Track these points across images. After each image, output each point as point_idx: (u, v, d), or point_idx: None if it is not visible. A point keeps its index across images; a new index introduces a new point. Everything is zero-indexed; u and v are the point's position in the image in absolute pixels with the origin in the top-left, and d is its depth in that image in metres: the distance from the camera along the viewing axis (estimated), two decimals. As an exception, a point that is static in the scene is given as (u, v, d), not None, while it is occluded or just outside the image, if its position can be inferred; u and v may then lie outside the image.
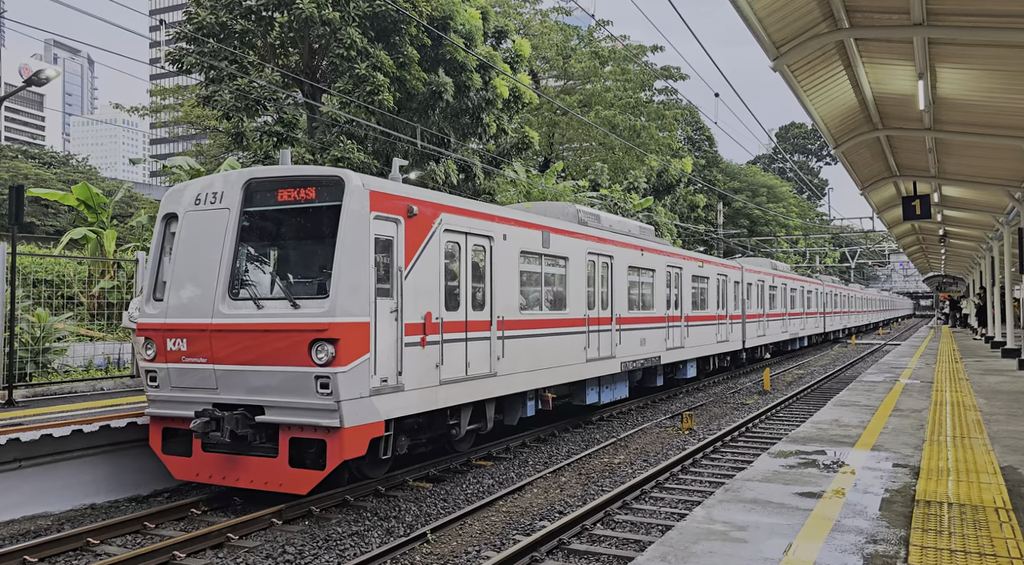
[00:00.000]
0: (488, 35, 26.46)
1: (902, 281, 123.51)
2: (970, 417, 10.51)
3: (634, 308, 16.54)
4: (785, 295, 31.64)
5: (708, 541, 5.09)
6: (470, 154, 26.67)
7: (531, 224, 12.64)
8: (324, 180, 8.96)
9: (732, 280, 24.39)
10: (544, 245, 12.86)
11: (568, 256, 13.64)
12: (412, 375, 9.44)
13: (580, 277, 14.14)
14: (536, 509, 9.36)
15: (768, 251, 64.71)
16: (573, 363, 13.70)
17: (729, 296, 23.87)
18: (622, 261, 15.93)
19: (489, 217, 11.48)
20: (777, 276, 30.60)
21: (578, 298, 14.00)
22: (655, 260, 17.87)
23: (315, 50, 23.02)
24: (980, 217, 23.20)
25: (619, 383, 16.22)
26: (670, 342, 18.53)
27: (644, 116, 41.29)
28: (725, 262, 24.81)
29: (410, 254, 9.58)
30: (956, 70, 11.14)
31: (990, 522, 5.56)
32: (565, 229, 13.76)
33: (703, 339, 21.23)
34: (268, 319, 8.70)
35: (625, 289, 16.01)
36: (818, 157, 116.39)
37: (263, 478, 8.75)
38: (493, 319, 11.29)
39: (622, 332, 15.72)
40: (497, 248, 11.52)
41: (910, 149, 16.29)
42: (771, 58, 10.38)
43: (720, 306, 23.04)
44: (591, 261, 14.65)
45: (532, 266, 12.78)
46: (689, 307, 20.06)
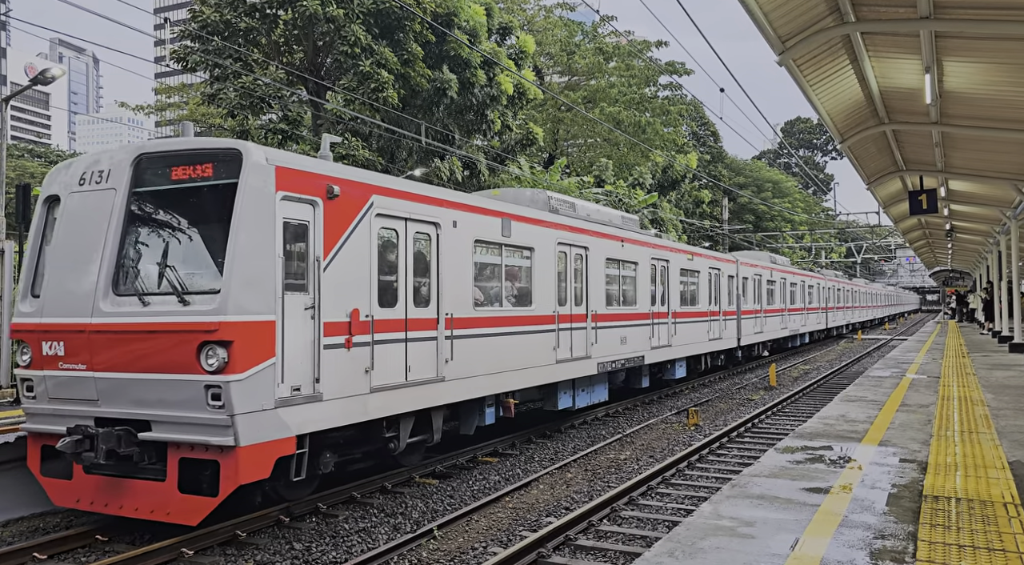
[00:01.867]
0: (492, 31, 26.44)
1: (908, 276, 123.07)
2: (978, 412, 10.47)
3: (614, 304, 15.34)
4: (784, 290, 30.49)
5: (715, 537, 5.09)
6: (475, 151, 26.66)
7: (488, 210, 11.31)
8: (220, 154, 7.77)
9: (726, 274, 23.17)
10: (504, 234, 11.57)
11: (534, 246, 12.36)
12: (333, 382, 8.26)
13: (548, 270, 12.82)
14: (542, 505, 9.37)
15: (773, 247, 64.57)
16: (541, 365, 12.45)
17: (723, 291, 22.62)
18: (599, 253, 14.63)
19: (435, 201, 10.19)
20: (776, 270, 29.39)
21: (546, 293, 12.72)
22: (637, 252, 16.55)
23: (319, 47, 23.03)
24: (987, 211, 23.08)
25: (597, 385, 15.02)
26: (655, 340, 17.29)
27: (649, 112, 41.19)
28: (718, 255, 23.49)
29: (331, 242, 8.39)
30: (963, 64, 11.08)
31: (999, 517, 5.54)
32: (530, 216, 12.45)
33: (693, 337, 20.00)
34: (154, 318, 7.52)
35: (602, 283, 14.77)
36: (824, 152, 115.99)
37: (150, 505, 7.49)
38: (441, 317, 10.07)
39: (599, 330, 14.44)
40: (446, 236, 10.24)
41: (916, 143, 16.22)
42: (777, 53, 10.33)
43: (712, 302, 21.79)
44: (562, 252, 13.35)
45: (490, 257, 11.54)
46: (677, 303, 18.79)
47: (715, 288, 22.05)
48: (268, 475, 7.59)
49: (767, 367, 25.88)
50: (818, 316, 37.57)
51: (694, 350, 20.10)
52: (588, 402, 14.63)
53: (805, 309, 34.37)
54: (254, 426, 7.35)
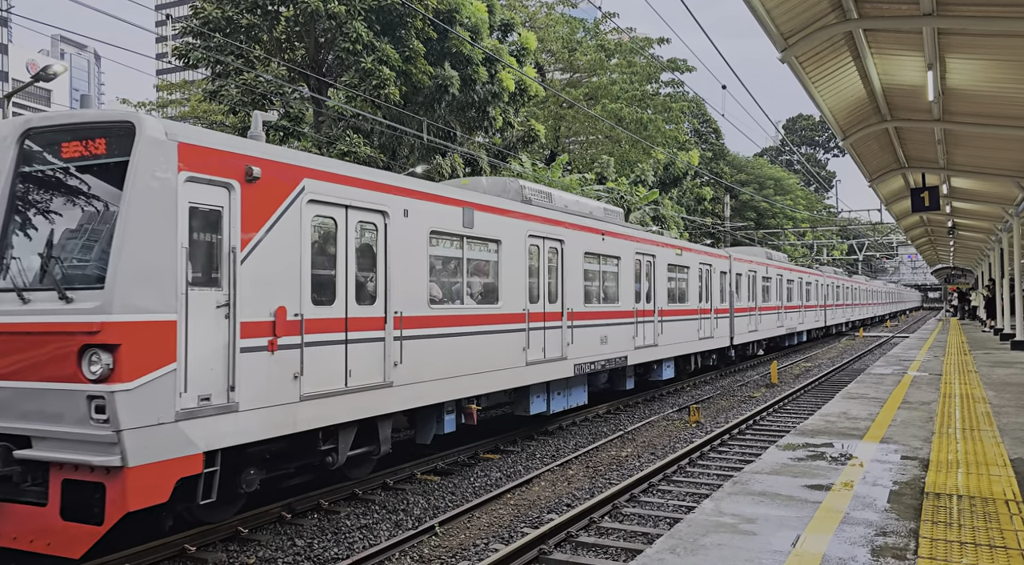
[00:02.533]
0: (494, 28, 26.42)
1: (910, 273, 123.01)
2: (979, 409, 10.47)
3: (593, 301, 14.35)
4: (781, 287, 29.51)
5: (717, 533, 5.10)
6: (476, 148, 26.64)
7: (446, 198, 10.26)
8: (113, 127, 6.82)
9: (718, 270, 22.15)
10: (466, 224, 10.58)
11: (500, 239, 11.36)
12: (253, 390, 7.26)
13: (518, 264, 11.82)
14: (544, 502, 9.38)
15: (775, 244, 64.52)
16: (509, 367, 11.46)
17: (714, 288, 21.68)
18: (576, 246, 13.63)
19: (382, 187, 9.14)
20: (772, 266, 28.45)
21: (515, 290, 11.70)
22: (620, 246, 15.48)
23: (321, 44, 23.02)
24: (989, 208, 23.06)
25: (575, 388, 14.06)
26: (640, 340, 16.23)
27: (650, 109, 41.15)
28: (710, 250, 22.43)
29: (251, 231, 7.39)
30: (965, 60, 11.06)
31: (1000, 514, 5.54)
32: (496, 206, 11.41)
33: (682, 336, 18.96)
34: (32, 318, 6.57)
35: (580, 279, 13.76)
36: (826, 149, 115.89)
37: (30, 533, 6.47)
38: (389, 316, 9.07)
39: (575, 329, 13.41)
40: (395, 227, 9.26)
41: (919, 140, 16.20)
42: (779, 49, 10.32)
43: (703, 299, 20.76)
44: (534, 246, 12.37)
45: (449, 250, 10.57)
46: (664, 300, 17.79)
47: (706, 285, 21.14)
48: (166, 499, 6.60)
49: (768, 364, 25.89)
50: (816, 314, 36.74)
51: (683, 350, 19.15)
52: (565, 406, 13.74)
53: (802, 307, 33.54)
54: (147, 443, 6.35)
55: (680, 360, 19.53)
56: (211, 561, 7.33)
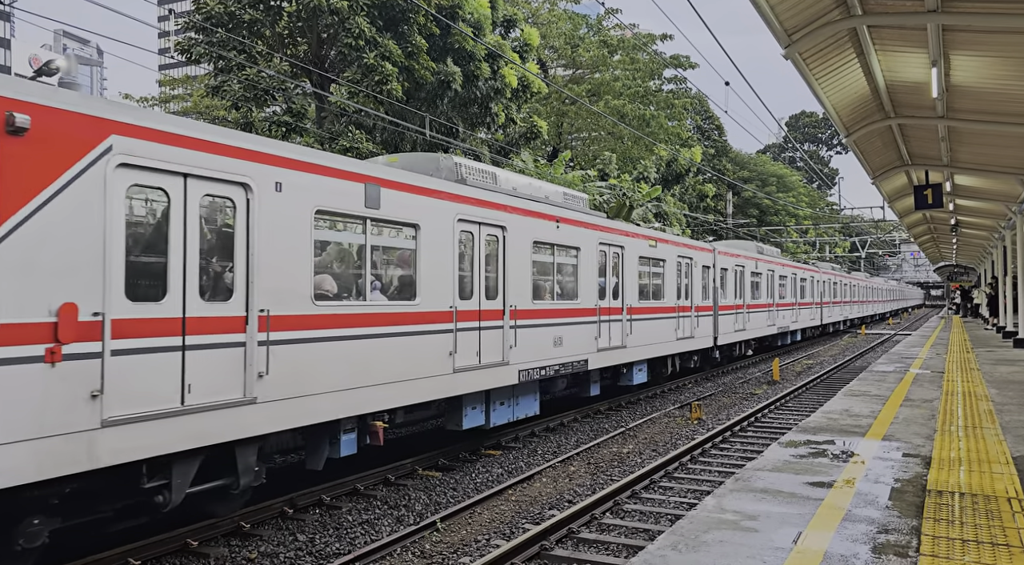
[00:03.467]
0: (496, 24, 26.36)
1: (912, 271, 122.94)
2: (982, 407, 10.46)
3: (545, 297, 12.74)
4: (772, 283, 27.79)
5: (719, 530, 5.10)
6: (479, 144, 26.62)
7: (339, 171, 8.50)
8: None
9: (700, 264, 20.36)
10: (370, 204, 8.82)
11: (418, 223, 9.62)
12: (16, 414, 5.54)
13: (443, 254, 10.13)
14: (545, 498, 9.39)
15: (778, 241, 64.46)
16: (431, 375, 9.73)
17: (695, 283, 19.90)
18: (523, 234, 11.94)
19: (241, 153, 7.35)
20: (762, 261, 26.64)
21: (439, 284, 10.01)
22: (580, 235, 13.74)
23: (323, 40, 23.00)
24: (992, 206, 23.03)
25: (523, 397, 12.34)
26: (603, 341, 14.49)
27: (653, 105, 41.06)
28: (691, 242, 20.58)
29: (13, 202, 5.63)
30: (970, 57, 11.02)
31: (1002, 512, 5.54)
32: (412, 184, 9.61)
33: (656, 336, 17.20)
34: None
35: (527, 272, 12.04)
36: (828, 146, 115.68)
37: None
38: (251, 315, 7.29)
39: (521, 330, 11.69)
40: (264, 203, 7.52)
41: (922, 137, 16.16)
42: (782, 46, 10.29)
43: (683, 295, 19.03)
44: (466, 232, 10.69)
45: (346, 235, 9.07)
46: (635, 296, 16.04)
47: (686, 280, 19.43)
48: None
49: (770, 362, 25.88)
50: (811, 312, 35.11)
51: (657, 351, 17.30)
52: (510, 418, 11.98)
53: (796, 304, 31.81)
54: None
55: (655, 362, 17.87)
56: (213, 556, 7.35)
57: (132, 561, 6.95)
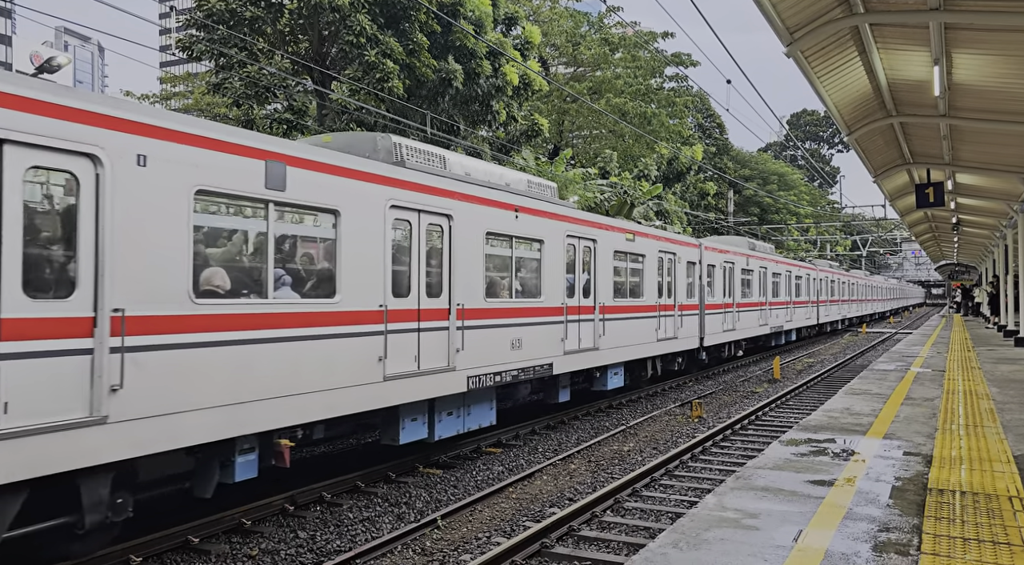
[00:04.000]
0: (498, 22, 26.33)
1: (914, 269, 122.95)
2: (983, 406, 10.46)
3: (501, 295, 11.61)
4: (765, 281, 26.59)
5: (720, 528, 5.10)
6: (480, 141, 26.61)
7: (229, 144, 7.25)
8: None
9: (685, 260, 19.17)
10: (273, 185, 7.64)
11: (338, 209, 8.43)
12: None
13: (371, 246, 8.92)
14: (546, 496, 9.40)
15: (778, 239, 64.43)
16: (355, 384, 8.56)
17: (679, 280, 18.68)
18: (474, 224, 10.75)
19: (88, 118, 6.09)
20: (754, 257, 25.38)
21: (365, 280, 8.79)
22: (544, 226, 12.53)
23: (325, 37, 22.99)
24: (994, 205, 23.02)
25: (476, 406, 11.22)
26: (571, 343, 13.31)
27: (654, 103, 41.04)
28: (675, 236, 19.40)
29: None
30: (972, 56, 11.01)
31: (1003, 510, 5.54)
32: (331, 163, 8.38)
33: (633, 337, 15.92)
34: None
35: (480, 267, 10.84)
36: (830, 145, 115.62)
37: None
38: (102, 316, 6.06)
39: (470, 331, 10.49)
40: (121, 182, 6.27)
41: (924, 136, 16.15)
42: (784, 44, 10.29)
43: (665, 293, 17.79)
44: (402, 221, 9.44)
45: (240, 222, 7.87)
46: (609, 294, 14.79)
47: (669, 277, 18.17)
48: None
49: (771, 361, 25.88)
50: (807, 310, 33.95)
51: (635, 353, 16.02)
52: (460, 429, 10.84)
53: (791, 303, 30.57)
54: None
55: (634, 365, 16.69)
56: (214, 552, 7.36)
57: (133, 558, 6.96)
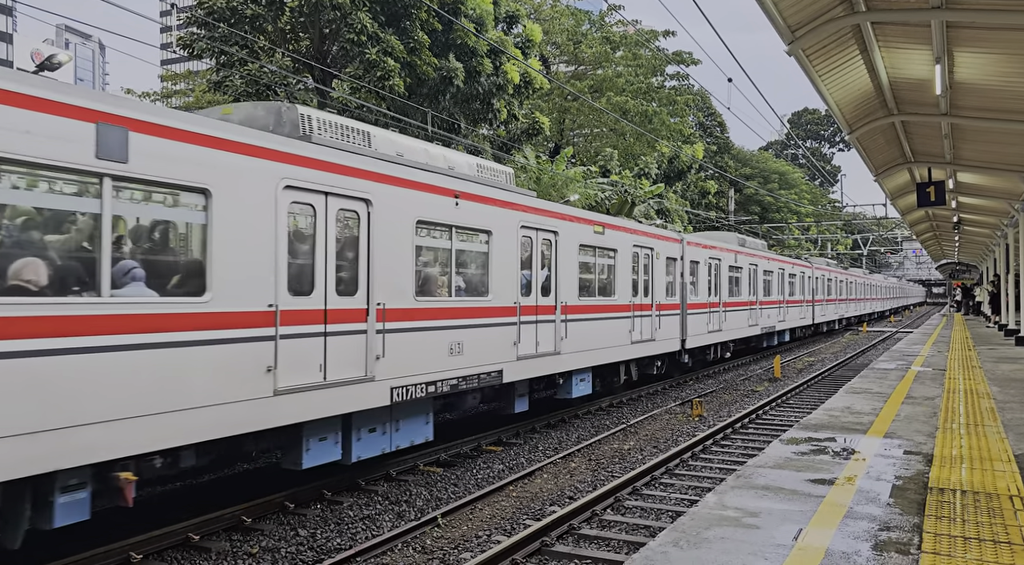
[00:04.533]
0: (499, 20, 26.31)
1: (915, 268, 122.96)
2: (984, 405, 10.45)
3: (436, 293, 10.19)
4: (755, 279, 25.36)
5: (720, 527, 5.10)
6: (480, 140, 26.61)
7: (40, 101, 5.82)
8: None
9: (664, 256, 17.78)
10: (108, 156, 6.24)
11: (208, 188, 6.96)
12: None
13: (257, 234, 7.47)
14: (546, 494, 9.40)
15: (779, 238, 64.40)
16: (233, 400, 7.10)
17: (657, 278, 17.29)
18: (400, 211, 9.29)
19: None
20: (743, 254, 24.02)
21: (245, 274, 7.33)
22: (490, 215, 11.06)
23: (325, 35, 22.98)
24: (995, 204, 23.00)
25: (406, 421, 9.76)
26: (525, 347, 11.88)
27: (655, 102, 41.02)
28: (651, 230, 17.92)
29: None
30: (974, 54, 11.00)
31: (1004, 510, 5.53)
32: (193, 131, 6.90)
33: (603, 339, 14.53)
34: None
35: (408, 261, 9.41)
36: (831, 143, 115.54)
37: None
38: None
39: (393, 335, 9.04)
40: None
41: (925, 135, 16.14)
42: (786, 42, 10.28)
43: (641, 292, 16.44)
44: (300, 205, 7.99)
45: (61, 201, 6.27)
46: (573, 292, 13.43)
47: (645, 274, 16.77)
48: None
49: (771, 359, 25.87)
50: (801, 310, 32.58)
51: (606, 357, 14.60)
52: (386, 447, 9.43)
53: (784, 302, 29.31)
54: None
55: (605, 370, 15.40)
56: (215, 550, 7.36)
57: (134, 555, 6.96)
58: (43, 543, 6.72)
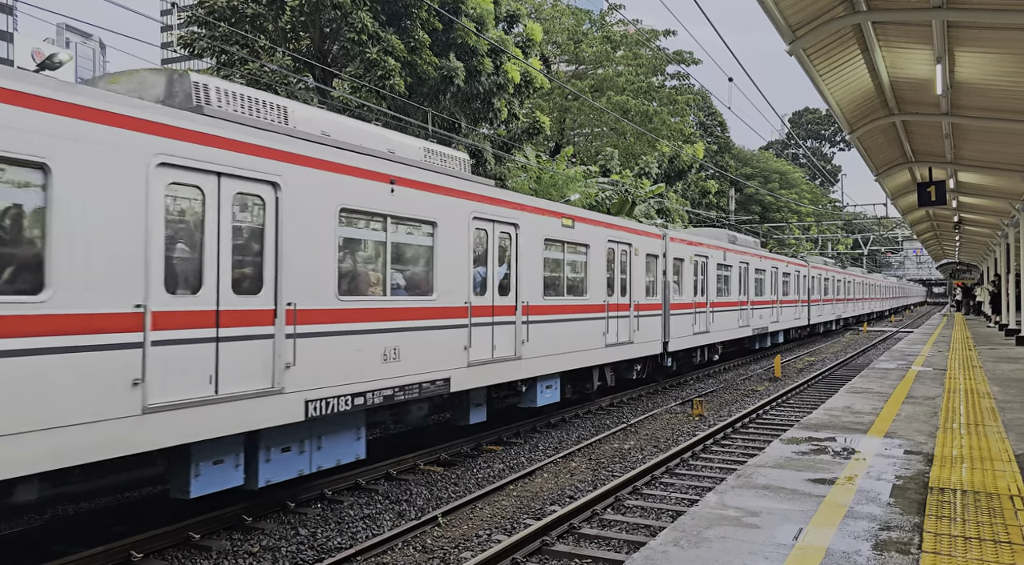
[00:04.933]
0: (499, 19, 26.31)
1: (915, 268, 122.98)
2: (984, 405, 10.45)
3: (365, 292, 8.93)
4: (746, 278, 24.31)
5: (721, 526, 5.10)
6: (481, 139, 26.60)
7: None
8: None
9: (644, 252, 16.72)
10: None
11: (48, 163, 5.79)
12: None
13: (113, 218, 6.20)
14: (546, 494, 9.40)
15: (780, 237, 64.37)
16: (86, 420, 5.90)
17: (636, 276, 16.12)
18: (317, 197, 8.11)
19: None
20: (732, 251, 22.94)
21: (103, 269, 6.11)
22: (438, 206, 9.95)
23: (326, 34, 22.98)
24: (996, 204, 23.00)
25: (330, 437, 8.62)
26: (480, 351, 10.75)
27: (656, 101, 41.02)
28: (629, 225, 16.61)
29: None
30: (974, 54, 10.99)
31: (1005, 510, 5.53)
32: (41, 96, 5.76)
33: (572, 342, 13.32)
34: None
35: (328, 256, 8.22)
36: (831, 143, 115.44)
37: None
38: None
39: (307, 340, 7.89)
40: None
41: (926, 134, 16.13)
42: (787, 42, 10.27)
43: (618, 291, 15.34)
44: (184, 187, 6.82)
45: None
46: (537, 291, 12.29)
47: (623, 272, 15.63)
48: None
49: (771, 359, 25.87)
50: (796, 310, 31.61)
51: (574, 362, 13.45)
52: (304, 469, 8.33)
53: (777, 302, 28.50)
54: None
55: (577, 376, 14.23)
56: (215, 549, 7.36)
57: (134, 554, 6.97)
58: (44, 542, 6.72)
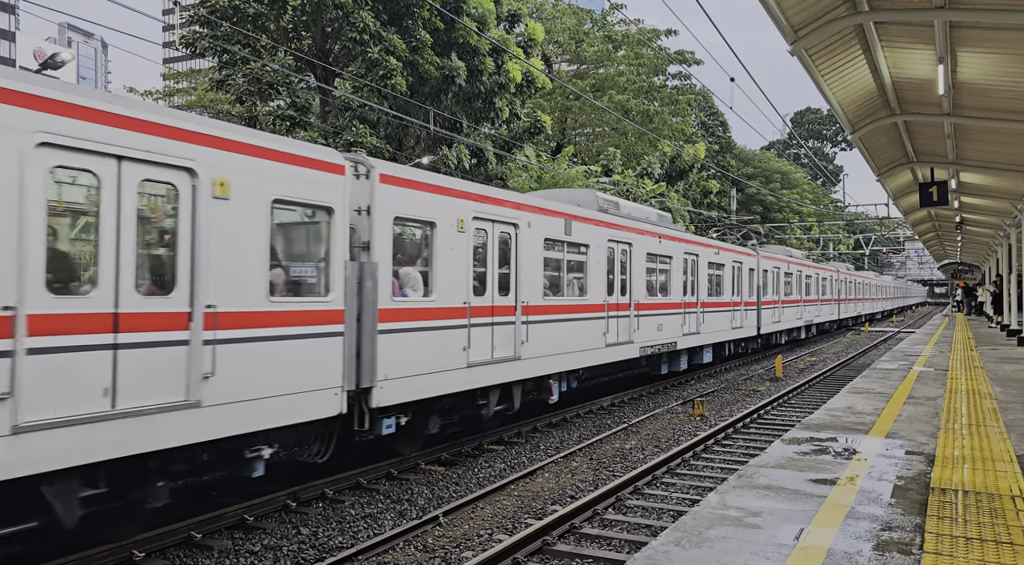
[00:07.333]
0: (501, 19, 26.32)
1: (917, 268, 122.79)
2: (986, 405, 10.44)
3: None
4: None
5: (722, 526, 5.10)
6: (482, 139, 26.60)
7: None
8: None
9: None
10: None
11: None
12: None
13: None
14: (548, 493, 9.40)
15: (781, 238, 64.30)
16: None
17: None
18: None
19: None
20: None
21: None
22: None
23: (328, 34, 22.99)
24: (998, 204, 22.96)
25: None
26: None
27: (657, 101, 41.01)
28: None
29: None
30: (977, 54, 10.98)
31: (1006, 510, 5.53)
32: None
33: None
34: None
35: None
36: (833, 143, 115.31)
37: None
38: None
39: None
40: None
41: (928, 135, 16.11)
42: (789, 42, 10.26)
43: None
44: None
45: None
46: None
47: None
48: None
49: (773, 359, 25.85)
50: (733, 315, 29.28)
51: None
52: None
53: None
54: None
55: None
56: (217, 548, 7.37)
57: (136, 553, 6.98)
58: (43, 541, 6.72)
